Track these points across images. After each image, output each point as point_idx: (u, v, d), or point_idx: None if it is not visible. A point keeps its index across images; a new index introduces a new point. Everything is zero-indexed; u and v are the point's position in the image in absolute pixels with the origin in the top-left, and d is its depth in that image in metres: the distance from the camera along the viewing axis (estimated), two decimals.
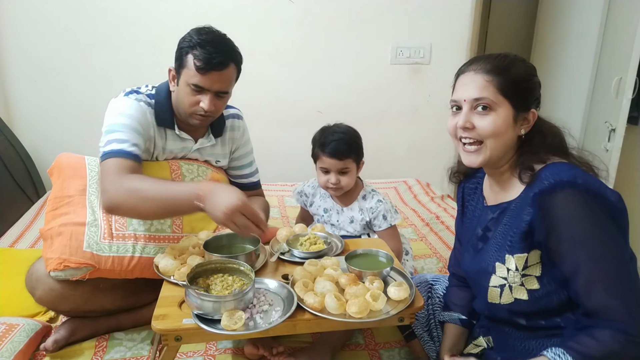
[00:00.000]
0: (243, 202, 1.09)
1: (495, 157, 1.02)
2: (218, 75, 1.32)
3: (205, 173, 1.52)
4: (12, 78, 2.62)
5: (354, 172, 1.59)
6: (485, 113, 1.00)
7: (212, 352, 1.32)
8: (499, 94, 0.99)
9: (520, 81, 1.01)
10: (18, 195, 2.33)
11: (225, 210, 1.07)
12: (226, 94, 1.39)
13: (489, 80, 0.99)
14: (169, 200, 1.17)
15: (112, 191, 1.20)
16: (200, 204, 1.12)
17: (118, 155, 1.25)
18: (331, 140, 1.54)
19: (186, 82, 1.33)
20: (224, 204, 1.07)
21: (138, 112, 1.34)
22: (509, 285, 1.03)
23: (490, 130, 0.99)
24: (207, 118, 1.40)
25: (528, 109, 1.02)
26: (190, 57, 1.30)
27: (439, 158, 3.24)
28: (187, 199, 1.14)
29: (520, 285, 1.01)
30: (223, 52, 1.32)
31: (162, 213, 1.24)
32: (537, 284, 0.99)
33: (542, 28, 3.21)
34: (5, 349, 1.20)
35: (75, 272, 1.23)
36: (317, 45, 2.78)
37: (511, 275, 1.02)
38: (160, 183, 1.22)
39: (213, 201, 1.10)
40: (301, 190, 1.73)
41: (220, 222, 1.09)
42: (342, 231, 1.64)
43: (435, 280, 1.37)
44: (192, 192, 1.13)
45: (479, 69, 1.02)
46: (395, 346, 1.37)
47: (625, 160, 2.36)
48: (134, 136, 1.30)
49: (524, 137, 1.04)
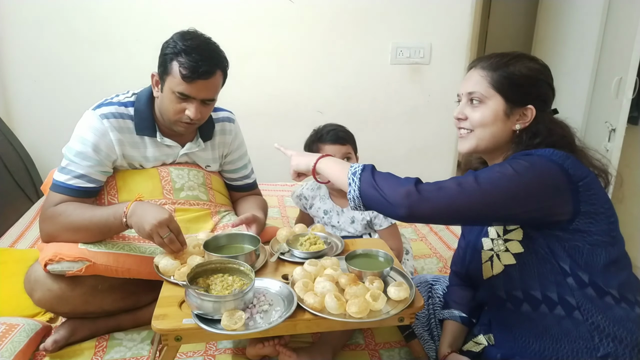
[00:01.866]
0: (170, 215, 1.18)
1: (484, 146, 1.10)
2: (204, 84, 1.30)
3: (197, 177, 1.52)
4: (13, 78, 2.62)
5: (355, 162, 1.59)
6: (476, 106, 1.10)
7: (212, 352, 1.32)
8: (491, 88, 1.07)
9: (517, 77, 1.07)
10: (18, 195, 2.33)
11: (153, 222, 1.14)
12: (212, 101, 1.38)
13: (483, 75, 1.09)
14: (100, 225, 1.27)
15: (48, 227, 1.31)
16: (127, 220, 1.22)
17: (59, 191, 1.32)
18: (328, 130, 1.58)
19: (171, 89, 1.31)
20: (152, 216, 1.16)
21: (96, 134, 1.35)
22: (496, 254, 1.09)
23: (478, 120, 1.09)
24: (192, 125, 1.39)
25: (524, 105, 1.06)
26: (176, 65, 1.28)
27: (439, 158, 3.27)
28: (115, 219, 1.24)
29: (506, 250, 1.06)
30: (209, 60, 1.29)
31: (98, 237, 1.30)
32: (520, 247, 1.04)
33: (542, 28, 3.21)
34: (5, 349, 1.20)
35: (71, 265, 1.22)
36: (317, 45, 2.78)
37: (495, 245, 1.09)
38: (89, 210, 1.29)
39: (140, 215, 1.19)
40: (300, 193, 1.73)
41: (146, 234, 1.17)
42: (343, 232, 1.64)
43: (435, 280, 1.37)
44: (118, 212, 1.24)
45: (479, 65, 1.11)
46: (395, 346, 1.37)
47: (625, 160, 2.36)
48: (84, 165, 1.33)
49: (522, 133, 1.07)
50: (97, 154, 1.34)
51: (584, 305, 0.97)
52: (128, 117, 1.40)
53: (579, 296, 0.98)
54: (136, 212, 1.20)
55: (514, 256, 1.05)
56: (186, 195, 1.47)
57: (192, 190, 1.49)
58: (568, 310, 0.99)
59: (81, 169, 1.33)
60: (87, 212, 1.28)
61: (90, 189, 1.35)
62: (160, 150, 1.46)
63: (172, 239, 1.17)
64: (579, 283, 0.98)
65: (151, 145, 1.44)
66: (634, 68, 2.21)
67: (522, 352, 1.04)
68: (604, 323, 0.96)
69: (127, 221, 1.22)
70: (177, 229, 1.19)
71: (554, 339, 1.00)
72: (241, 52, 2.68)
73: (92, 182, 1.35)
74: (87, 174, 1.34)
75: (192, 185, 1.49)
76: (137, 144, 1.42)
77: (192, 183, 1.49)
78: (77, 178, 1.33)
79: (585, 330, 0.97)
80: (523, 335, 1.06)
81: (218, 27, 2.64)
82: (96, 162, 1.34)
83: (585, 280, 0.98)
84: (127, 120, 1.40)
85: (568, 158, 0.98)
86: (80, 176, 1.33)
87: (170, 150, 1.47)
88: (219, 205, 1.56)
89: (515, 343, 1.06)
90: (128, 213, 1.22)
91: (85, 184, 1.34)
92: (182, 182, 1.48)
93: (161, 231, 1.15)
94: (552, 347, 1.00)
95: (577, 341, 0.97)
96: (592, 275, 0.98)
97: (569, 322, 0.98)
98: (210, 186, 1.56)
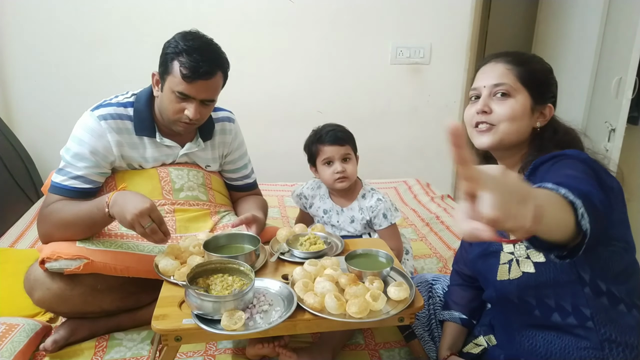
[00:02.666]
0: (152, 205, 1.14)
1: (507, 142, 1.04)
2: (205, 84, 1.30)
3: (196, 177, 1.51)
4: (13, 78, 2.62)
5: (355, 162, 1.60)
6: (504, 99, 1.03)
7: (212, 352, 1.32)
8: (518, 81, 1.03)
9: (539, 74, 1.05)
10: (18, 195, 2.33)
11: (134, 212, 1.11)
12: (212, 102, 1.38)
13: (509, 68, 1.04)
14: (85, 219, 1.25)
15: (44, 227, 1.31)
16: (109, 210, 1.19)
17: (56, 192, 1.33)
18: (327, 130, 1.58)
19: (171, 89, 1.31)
20: (133, 205, 1.13)
21: (93, 135, 1.35)
22: (516, 260, 1.04)
23: (507, 114, 1.02)
24: (191, 125, 1.39)
25: (545, 103, 1.05)
26: (176, 64, 1.28)
27: (439, 158, 3.27)
28: (98, 210, 1.22)
29: (526, 258, 1.02)
30: (210, 60, 1.29)
31: (86, 232, 1.29)
32: (543, 256, 1.00)
33: (542, 28, 3.22)
34: (5, 349, 1.20)
35: (69, 263, 1.21)
36: (317, 45, 2.78)
37: (517, 249, 1.04)
38: (76, 206, 1.28)
39: (122, 204, 1.16)
40: (300, 192, 1.73)
41: (127, 223, 1.13)
42: (343, 231, 1.64)
43: (435, 280, 1.37)
44: (101, 203, 1.22)
45: (500, 59, 1.07)
46: (395, 346, 1.37)
47: (625, 160, 2.36)
48: (81, 166, 1.33)
49: (538, 132, 1.06)
50: (94, 156, 1.34)
51: (598, 315, 0.95)
52: (127, 117, 1.40)
53: (593, 306, 0.95)
54: (117, 202, 1.18)
55: (534, 264, 1.01)
56: (186, 195, 1.47)
57: (191, 191, 1.49)
58: (581, 321, 0.96)
59: (78, 170, 1.33)
60: (74, 207, 1.28)
61: (88, 190, 1.35)
62: (160, 151, 1.46)
63: (154, 229, 1.14)
64: (596, 292, 0.95)
65: (150, 146, 1.44)
66: (633, 68, 2.21)
67: (527, 355, 1.03)
68: (615, 333, 0.94)
69: (109, 211, 1.20)
70: (159, 219, 1.15)
71: (562, 346, 0.99)
72: (241, 52, 2.68)
73: (89, 183, 1.35)
74: (84, 175, 1.34)
75: (192, 185, 1.49)
76: (137, 144, 1.42)
77: (191, 183, 1.49)
78: (73, 179, 1.33)
79: (596, 341, 0.94)
80: (530, 338, 1.04)
81: (218, 27, 2.64)
82: (93, 164, 1.35)
83: (602, 289, 0.95)
84: (126, 121, 1.40)
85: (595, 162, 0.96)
86: (77, 177, 1.33)
87: (169, 150, 1.47)
88: (219, 205, 1.56)
89: (521, 346, 1.05)
90: (110, 203, 1.20)
91: (82, 185, 1.34)
92: (182, 182, 1.48)
93: (142, 220, 1.12)
94: (560, 353, 0.99)
95: (587, 350, 0.95)
96: (607, 283, 0.96)
97: (580, 332, 0.96)
98: (210, 186, 1.56)
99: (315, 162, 1.61)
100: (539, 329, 1.03)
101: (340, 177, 1.56)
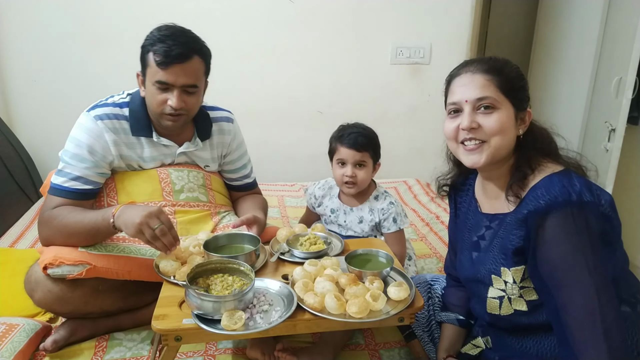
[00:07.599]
0: (160, 208, 1.15)
1: (499, 156, 1.01)
2: (181, 68, 1.29)
3: (196, 178, 1.51)
4: (12, 78, 2.62)
5: (370, 170, 1.57)
6: (489, 112, 0.98)
7: (212, 352, 1.32)
8: (500, 92, 0.98)
9: (516, 80, 1.01)
10: (18, 195, 2.33)
11: (143, 213, 1.11)
12: (195, 89, 1.34)
13: (489, 79, 0.98)
14: (89, 228, 1.24)
15: (45, 231, 1.30)
16: (115, 222, 1.19)
17: (56, 194, 1.33)
18: (350, 132, 1.55)
19: (151, 81, 1.31)
20: (141, 209, 1.14)
21: (91, 135, 1.34)
22: (507, 297, 1.02)
23: (497, 128, 0.97)
24: (179, 117, 1.35)
25: (525, 109, 1.02)
26: (151, 55, 1.29)
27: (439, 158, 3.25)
28: (103, 221, 1.21)
29: (519, 297, 1.00)
30: (183, 44, 1.28)
31: (89, 240, 1.28)
32: (535, 294, 0.99)
33: (542, 28, 3.21)
34: (5, 349, 1.20)
35: (72, 269, 1.21)
36: (317, 45, 2.78)
37: (509, 288, 1.01)
38: (80, 214, 1.27)
39: (128, 215, 1.15)
40: (312, 191, 1.71)
41: (135, 228, 1.12)
42: (350, 232, 1.63)
43: (435, 280, 1.37)
44: (106, 214, 1.21)
45: (476, 70, 1.00)
46: (395, 346, 1.37)
47: (625, 160, 2.36)
48: (80, 167, 1.33)
49: (524, 138, 1.03)
50: (92, 156, 1.34)
51: None
52: (123, 117, 1.40)
53: None
54: (125, 212, 1.18)
55: (526, 303, 1.00)
56: (186, 196, 1.47)
57: (191, 192, 1.49)
58: None
59: (77, 171, 1.33)
60: (79, 216, 1.27)
61: (88, 190, 1.35)
62: (158, 150, 1.45)
63: (164, 231, 1.12)
64: None
65: (148, 146, 1.44)
66: (633, 68, 2.21)
67: (519, 356, 1.04)
68: None
69: (114, 222, 1.19)
70: (168, 222, 1.14)
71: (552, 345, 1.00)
72: (241, 52, 2.68)
73: (89, 183, 1.35)
74: (83, 176, 1.33)
75: (192, 186, 1.49)
76: (134, 144, 1.42)
77: (191, 184, 1.49)
78: (73, 180, 1.33)
79: None
80: (519, 341, 1.05)
81: (218, 27, 2.65)
82: (92, 164, 1.34)
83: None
84: (122, 121, 1.40)
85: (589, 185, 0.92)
86: (77, 178, 1.33)
87: (167, 150, 1.47)
88: (219, 206, 1.56)
89: (512, 348, 1.06)
90: (116, 214, 1.19)
91: (82, 185, 1.33)
92: (182, 183, 1.47)
93: (151, 222, 1.11)
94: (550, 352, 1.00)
95: None
96: None
97: None
98: (210, 187, 1.56)
99: (332, 157, 1.60)
100: (528, 331, 1.03)
101: (348, 181, 1.54)
